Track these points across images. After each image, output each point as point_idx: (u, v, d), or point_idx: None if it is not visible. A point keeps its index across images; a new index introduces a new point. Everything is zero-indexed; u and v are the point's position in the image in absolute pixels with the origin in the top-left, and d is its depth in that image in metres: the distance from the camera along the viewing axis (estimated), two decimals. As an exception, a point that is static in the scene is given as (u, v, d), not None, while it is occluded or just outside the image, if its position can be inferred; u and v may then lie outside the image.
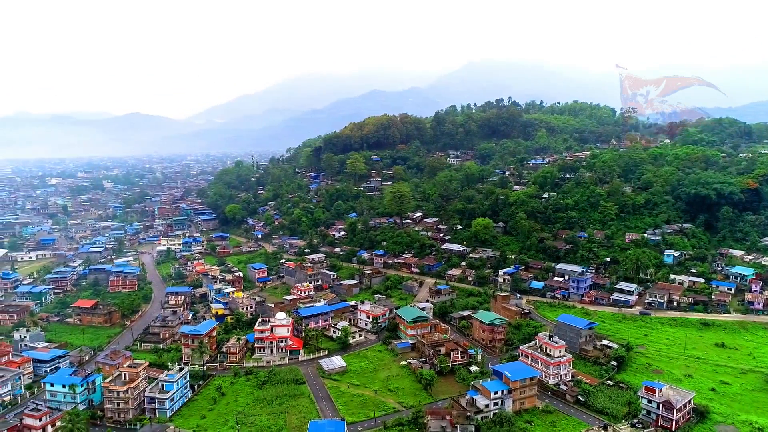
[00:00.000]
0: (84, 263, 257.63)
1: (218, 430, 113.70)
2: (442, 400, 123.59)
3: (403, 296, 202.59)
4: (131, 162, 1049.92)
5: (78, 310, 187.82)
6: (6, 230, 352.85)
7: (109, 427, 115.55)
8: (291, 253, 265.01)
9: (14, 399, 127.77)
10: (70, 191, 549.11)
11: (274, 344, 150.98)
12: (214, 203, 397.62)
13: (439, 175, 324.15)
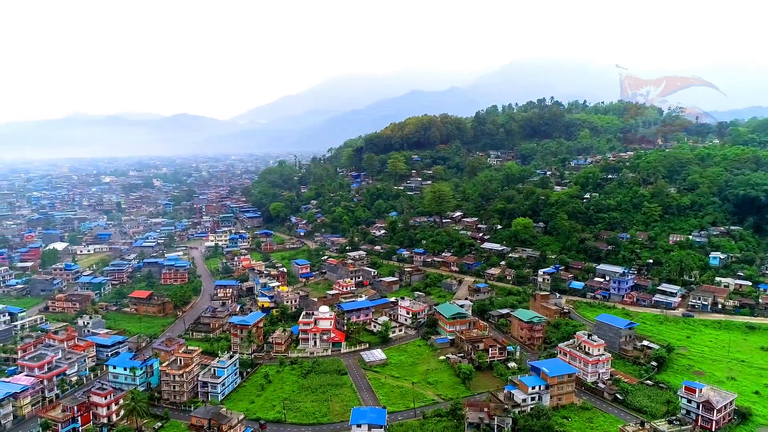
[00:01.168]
0: (138, 257, 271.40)
1: (266, 413, 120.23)
2: (479, 394, 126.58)
3: (442, 294, 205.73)
4: (179, 161, 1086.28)
5: (134, 300, 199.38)
6: (66, 225, 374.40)
7: (165, 408, 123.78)
8: (333, 251, 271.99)
9: (80, 379, 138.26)
10: (122, 189, 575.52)
11: (317, 336, 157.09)
12: (259, 201, 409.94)
13: (479, 175, 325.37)
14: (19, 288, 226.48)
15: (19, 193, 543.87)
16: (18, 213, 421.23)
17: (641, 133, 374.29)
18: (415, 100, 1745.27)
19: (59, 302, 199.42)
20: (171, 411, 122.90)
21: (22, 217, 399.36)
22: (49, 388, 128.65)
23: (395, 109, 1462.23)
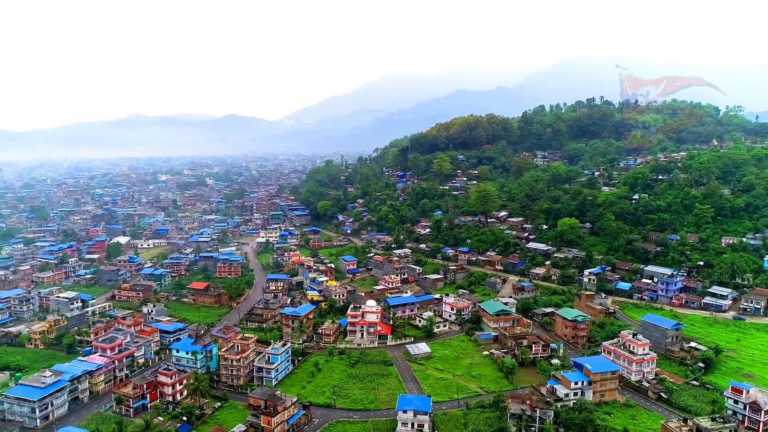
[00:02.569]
0: (194, 251, 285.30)
1: (316, 398, 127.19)
2: (522, 388, 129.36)
3: (486, 292, 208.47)
4: (229, 161, 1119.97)
5: (193, 291, 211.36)
6: (127, 220, 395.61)
7: (224, 390, 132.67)
8: (378, 248, 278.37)
9: (146, 361, 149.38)
10: (178, 187, 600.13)
11: (364, 329, 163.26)
12: (307, 200, 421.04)
13: (526, 175, 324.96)
14: (88, 278, 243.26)
15: (84, 190, 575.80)
16: (83, 209, 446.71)
17: (695, 132, 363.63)
18: (461, 100, 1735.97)
19: (124, 291, 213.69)
20: (229, 393, 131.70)
21: (87, 213, 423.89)
22: (120, 368, 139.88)
23: (441, 110, 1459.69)
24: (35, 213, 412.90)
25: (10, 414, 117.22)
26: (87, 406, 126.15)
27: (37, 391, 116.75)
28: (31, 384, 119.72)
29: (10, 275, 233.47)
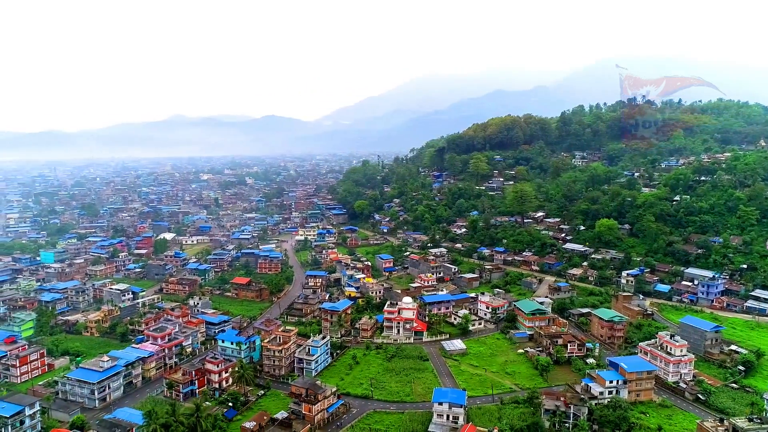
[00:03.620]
0: (236, 248, 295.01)
1: (354, 389, 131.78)
2: (557, 386, 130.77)
3: (522, 292, 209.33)
4: (268, 160, 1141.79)
5: (235, 286, 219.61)
6: (172, 218, 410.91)
7: (267, 379, 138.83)
8: (414, 247, 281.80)
9: (193, 350, 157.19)
10: (219, 186, 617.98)
11: (400, 325, 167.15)
12: (344, 199, 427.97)
13: (563, 175, 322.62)
14: (137, 271, 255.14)
15: (131, 188, 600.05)
16: (131, 206, 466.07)
17: (741, 132, 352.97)
18: (499, 100, 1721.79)
19: (171, 285, 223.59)
20: (271, 382, 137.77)
21: (134, 210, 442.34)
22: (169, 356, 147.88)
23: (478, 110, 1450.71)
24: (86, 210, 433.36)
25: (72, 395, 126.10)
26: (140, 390, 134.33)
27: (96, 375, 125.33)
28: (90, 368, 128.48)
29: (66, 268, 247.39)
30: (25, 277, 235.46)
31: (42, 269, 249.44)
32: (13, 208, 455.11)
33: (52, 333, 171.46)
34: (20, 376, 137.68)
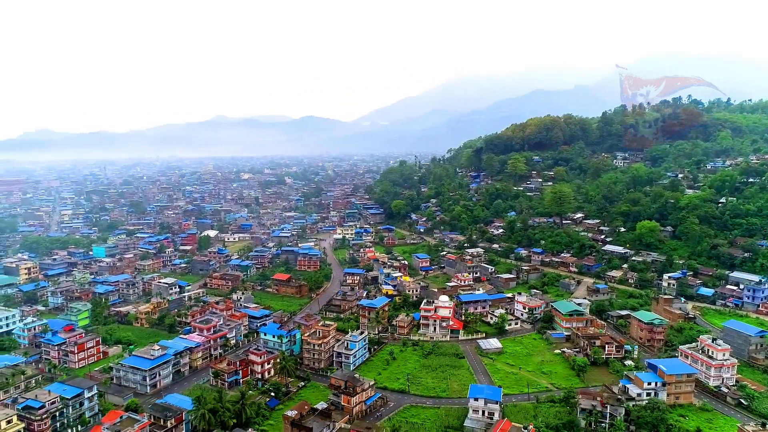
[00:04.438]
0: (276, 245, 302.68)
1: (391, 384, 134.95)
2: (594, 387, 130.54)
3: (559, 293, 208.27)
4: (306, 160, 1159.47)
5: (276, 282, 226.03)
6: (214, 216, 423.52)
7: (307, 372, 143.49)
8: (451, 247, 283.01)
9: (237, 342, 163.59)
10: (259, 185, 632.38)
11: (437, 323, 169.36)
12: (381, 199, 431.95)
13: (604, 176, 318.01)
14: (183, 267, 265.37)
15: (175, 187, 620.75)
16: (175, 204, 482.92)
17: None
18: (538, 100, 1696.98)
19: (215, 280, 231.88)
20: (311, 374, 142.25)
21: (179, 208, 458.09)
22: (214, 347, 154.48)
23: (516, 110, 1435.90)
24: (134, 207, 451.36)
25: (125, 381, 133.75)
26: (187, 379, 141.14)
27: (148, 362, 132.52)
28: (142, 356, 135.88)
29: (117, 262, 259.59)
30: (79, 270, 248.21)
31: (95, 263, 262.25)
32: (67, 206, 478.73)
33: (106, 323, 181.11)
34: (78, 362, 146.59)
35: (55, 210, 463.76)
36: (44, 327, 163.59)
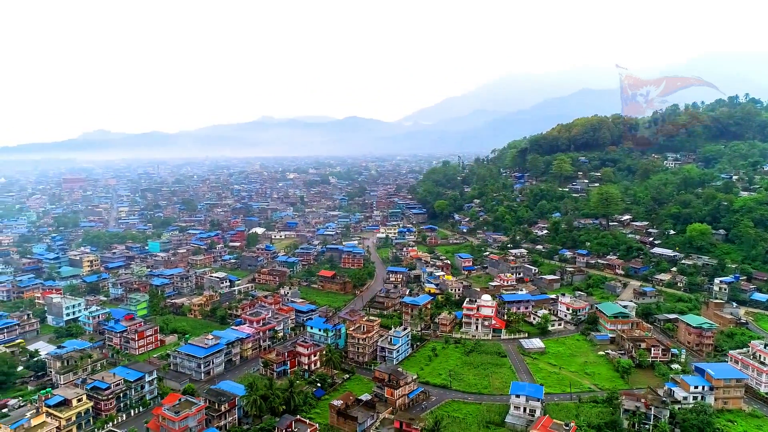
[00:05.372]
0: (321, 243, 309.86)
1: (434, 379, 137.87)
2: (638, 389, 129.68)
3: (604, 295, 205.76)
4: (349, 161, 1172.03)
5: (321, 278, 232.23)
6: (261, 214, 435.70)
7: (351, 365, 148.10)
8: (494, 247, 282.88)
9: (284, 335, 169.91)
10: (304, 184, 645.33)
11: (479, 321, 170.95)
12: (424, 199, 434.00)
13: (653, 178, 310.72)
14: (232, 262, 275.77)
15: (224, 185, 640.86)
16: (224, 202, 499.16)
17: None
18: (585, 99, 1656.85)
19: (263, 275, 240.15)
20: (356, 367, 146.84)
21: (227, 206, 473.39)
22: (263, 339, 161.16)
23: (562, 109, 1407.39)
24: (186, 205, 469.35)
25: (181, 367, 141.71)
26: (238, 368, 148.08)
27: (202, 351, 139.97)
28: (197, 344, 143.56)
29: (171, 257, 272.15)
30: (137, 263, 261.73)
31: (150, 257, 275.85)
32: (123, 203, 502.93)
33: (162, 313, 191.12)
34: (138, 349, 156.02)
35: (113, 207, 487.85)
36: (107, 315, 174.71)
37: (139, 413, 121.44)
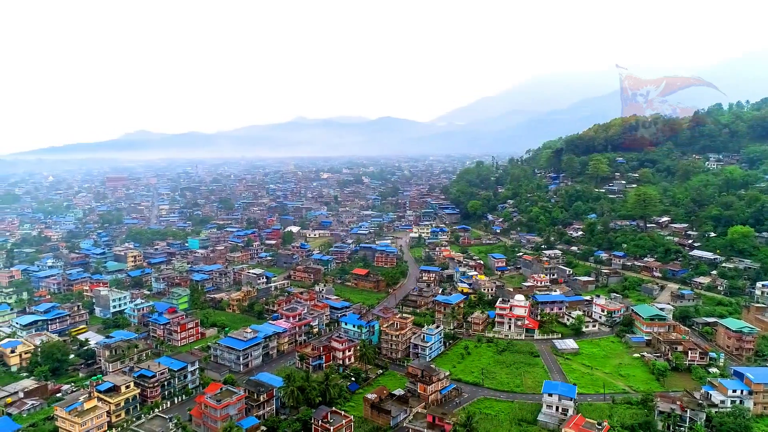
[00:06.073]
0: (354, 242, 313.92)
1: (466, 377, 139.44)
2: (674, 392, 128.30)
3: (641, 297, 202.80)
4: (382, 161, 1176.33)
5: (355, 276, 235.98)
6: (296, 213, 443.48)
7: (384, 361, 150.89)
8: (527, 248, 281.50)
9: (319, 330, 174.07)
10: (337, 184, 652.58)
11: (512, 321, 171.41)
12: (456, 199, 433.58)
13: (693, 179, 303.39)
14: (268, 259, 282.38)
15: (260, 185, 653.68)
16: (260, 201, 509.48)
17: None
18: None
19: (298, 272, 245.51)
20: (389, 363, 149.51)
21: (263, 205, 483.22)
22: (299, 334, 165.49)
23: (599, 109, 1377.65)
24: (223, 203, 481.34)
25: (221, 359, 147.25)
26: (275, 361, 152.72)
27: (241, 343, 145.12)
28: (236, 337, 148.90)
29: (210, 253, 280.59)
30: (178, 259, 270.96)
31: (190, 254, 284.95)
32: (164, 201, 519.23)
33: (202, 307, 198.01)
34: (180, 341, 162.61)
35: (154, 205, 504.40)
36: (151, 308, 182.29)
37: (182, 401, 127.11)
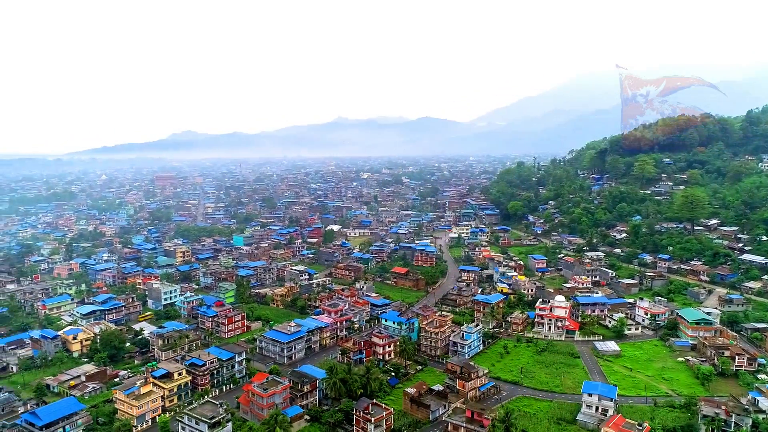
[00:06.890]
0: (394, 241, 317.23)
1: (505, 375, 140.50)
2: (718, 396, 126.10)
3: (686, 302, 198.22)
4: (422, 161, 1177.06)
5: (395, 275, 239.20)
6: (337, 212, 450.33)
7: (424, 357, 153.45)
8: (569, 249, 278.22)
9: (360, 326, 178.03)
10: (377, 184, 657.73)
11: (552, 322, 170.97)
12: (497, 200, 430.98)
13: (745, 181, 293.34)
14: (310, 257, 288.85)
15: (301, 184, 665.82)
16: (302, 200, 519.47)
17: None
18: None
19: (339, 270, 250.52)
20: (428, 360, 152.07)
21: (305, 204, 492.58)
22: (340, 329, 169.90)
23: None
24: (266, 202, 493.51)
25: (266, 351, 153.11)
26: (317, 354, 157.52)
27: (286, 336, 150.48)
28: (281, 330, 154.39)
29: (254, 250, 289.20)
30: (224, 255, 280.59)
31: (235, 250, 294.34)
32: (209, 199, 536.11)
33: (247, 302, 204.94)
34: (227, 333, 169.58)
35: (200, 203, 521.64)
36: (200, 301, 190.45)
37: (230, 389, 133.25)
